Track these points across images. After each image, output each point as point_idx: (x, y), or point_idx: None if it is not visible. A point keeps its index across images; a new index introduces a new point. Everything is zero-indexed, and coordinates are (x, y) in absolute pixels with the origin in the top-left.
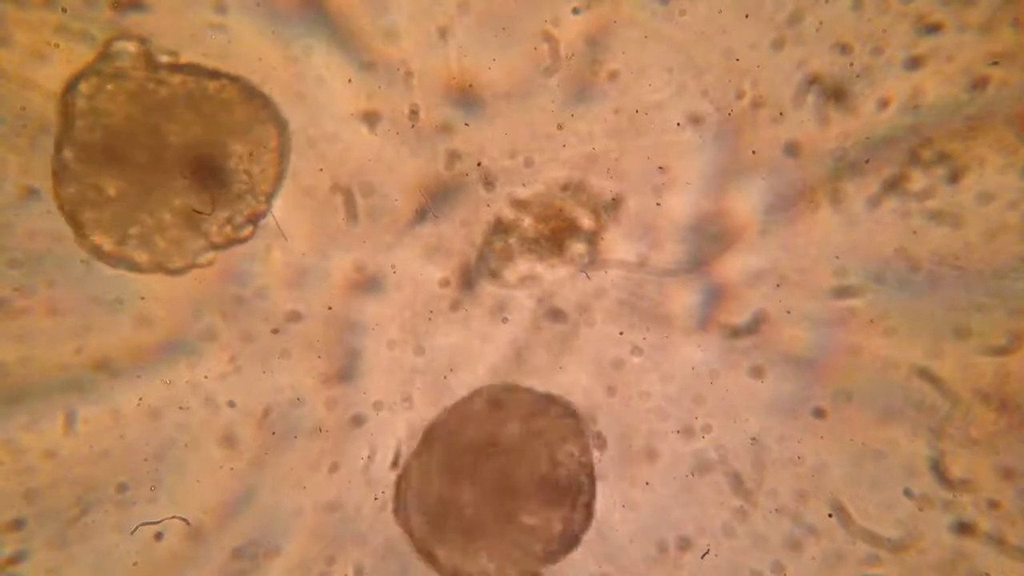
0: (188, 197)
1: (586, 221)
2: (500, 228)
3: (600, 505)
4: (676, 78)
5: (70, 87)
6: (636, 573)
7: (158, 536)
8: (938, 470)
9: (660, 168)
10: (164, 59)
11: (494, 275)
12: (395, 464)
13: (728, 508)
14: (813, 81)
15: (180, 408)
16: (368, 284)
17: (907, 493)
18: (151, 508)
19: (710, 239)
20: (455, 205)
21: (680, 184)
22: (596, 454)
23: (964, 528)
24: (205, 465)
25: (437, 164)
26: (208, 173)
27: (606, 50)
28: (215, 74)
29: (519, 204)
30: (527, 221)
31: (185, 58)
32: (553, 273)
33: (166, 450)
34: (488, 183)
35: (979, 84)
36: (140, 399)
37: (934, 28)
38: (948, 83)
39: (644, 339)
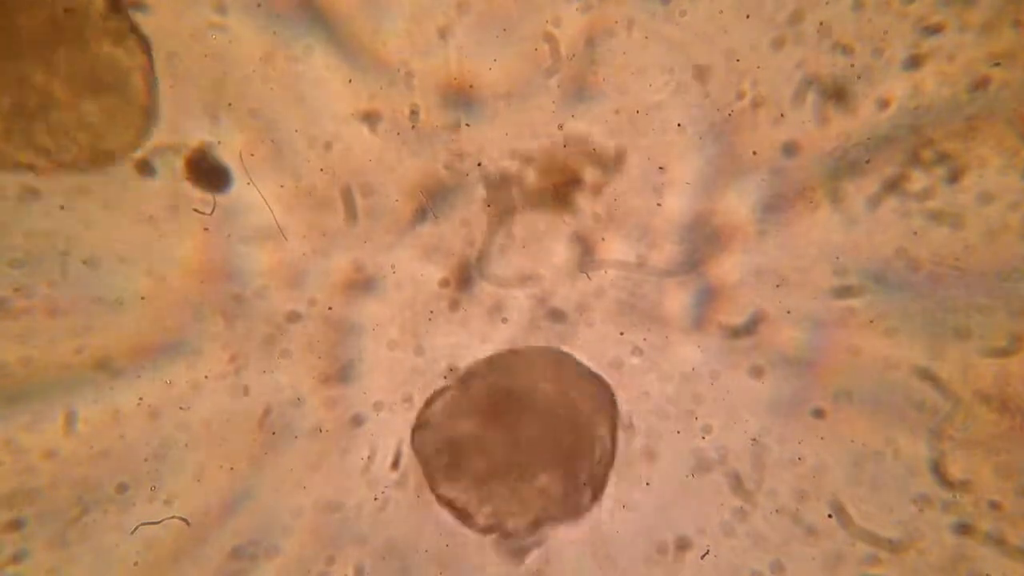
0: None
1: (589, 174)
2: (502, 182)
3: (601, 505)
4: (676, 78)
5: None
6: (636, 574)
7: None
8: (938, 471)
9: (660, 168)
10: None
11: (494, 231)
12: (395, 464)
13: (728, 508)
14: (813, 81)
15: (180, 408)
16: (368, 284)
17: (914, 501)
18: (151, 508)
19: (709, 239)
20: (455, 205)
21: (680, 184)
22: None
23: (964, 529)
24: (205, 465)
25: (437, 164)
26: (211, 173)
27: (607, 50)
28: (147, 62)
29: (521, 157)
30: (530, 175)
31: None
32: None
33: (166, 450)
34: (489, 183)
35: (980, 84)
36: (140, 399)
37: (935, 28)
38: (949, 83)
39: (644, 339)
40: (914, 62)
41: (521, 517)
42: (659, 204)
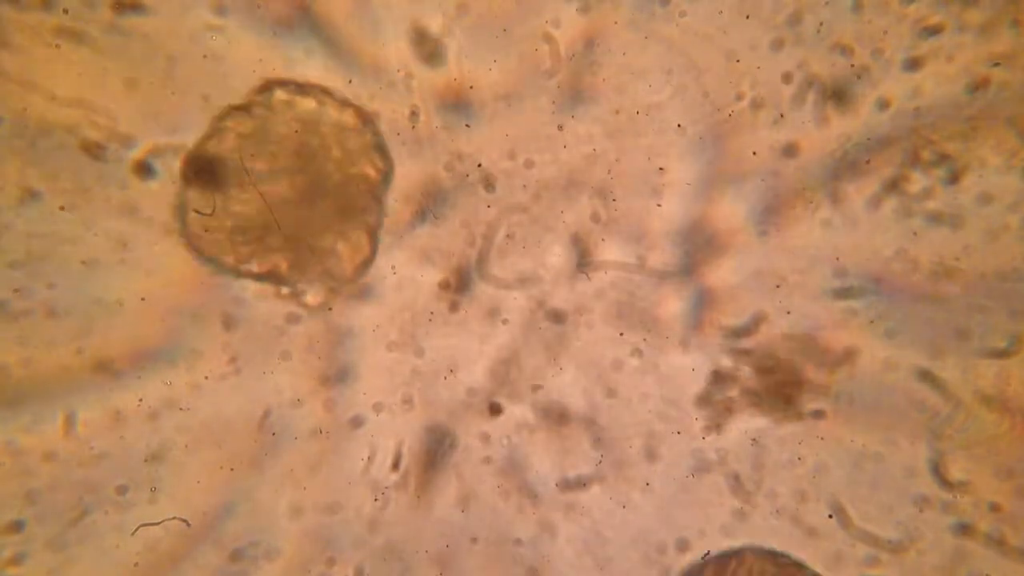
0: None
1: (813, 373)
2: (719, 379)
3: (600, 507)
4: (676, 79)
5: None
6: (636, 575)
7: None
8: (938, 472)
9: (660, 169)
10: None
11: (717, 428)
12: (395, 466)
13: (728, 509)
14: (812, 82)
15: (180, 409)
16: (368, 286)
17: (913, 501)
18: (151, 509)
19: (709, 240)
20: (455, 206)
21: (680, 185)
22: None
23: (964, 529)
24: (205, 466)
25: (437, 165)
26: (209, 174)
27: (606, 51)
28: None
29: (739, 353)
30: (747, 372)
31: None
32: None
33: (166, 451)
34: (488, 184)
35: (979, 85)
36: (140, 400)
37: (934, 29)
38: (948, 84)
39: (644, 340)
40: (913, 63)
41: None
42: (659, 205)
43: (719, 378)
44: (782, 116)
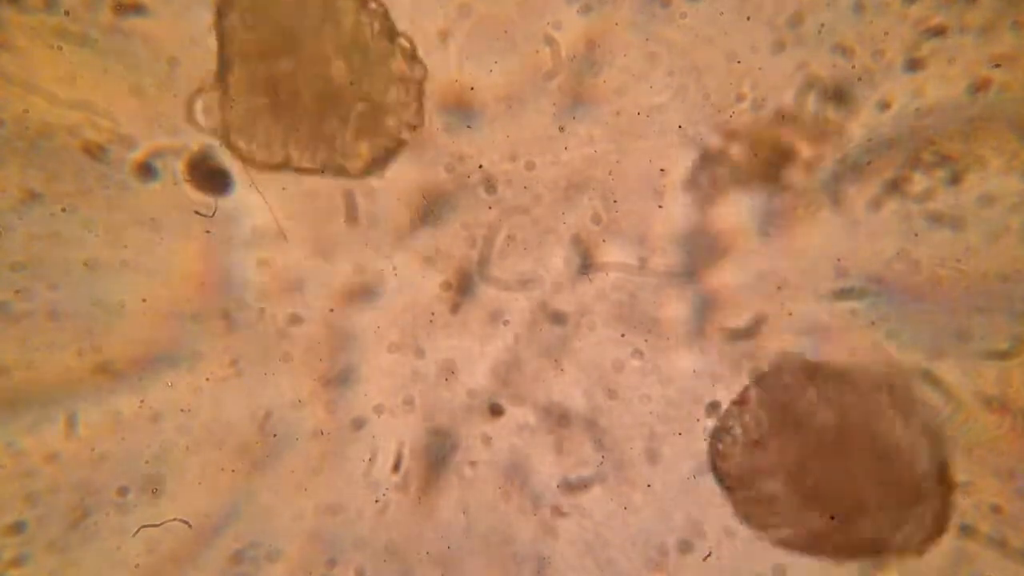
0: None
1: (805, 148)
2: (708, 158)
3: (601, 508)
4: (677, 80)
5: None
6: None
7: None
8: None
9: (661, 170)
10: None
11: (709, 201)
12: (396, 467)
13: (730, 511)
14: (814, 83)
15: (181, 411)
16: (369, 287)
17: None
18: (152, 511)
19: (710, 242)
20: (456, 208)
21: (681, 187)
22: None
23: (965, 531)
24: (206, 468)
25: (438, 167)
26: (212, 176)
27: (607, 53)
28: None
29: (728, 133)
30: (736, 149)
31: None
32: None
33: (167, 453)
34: (489, 186)
35: (980, 86)
36: (141, 402)
37: (935, 31)
38: (949, 85)
39: (645, 342)
40: (914, 64)
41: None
42: (660, 206)
43: (707, 159)
44: (783, 117)
